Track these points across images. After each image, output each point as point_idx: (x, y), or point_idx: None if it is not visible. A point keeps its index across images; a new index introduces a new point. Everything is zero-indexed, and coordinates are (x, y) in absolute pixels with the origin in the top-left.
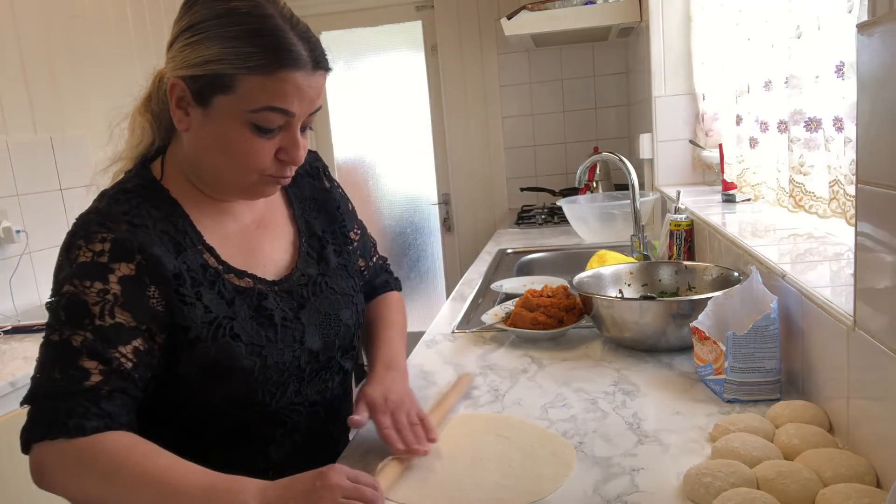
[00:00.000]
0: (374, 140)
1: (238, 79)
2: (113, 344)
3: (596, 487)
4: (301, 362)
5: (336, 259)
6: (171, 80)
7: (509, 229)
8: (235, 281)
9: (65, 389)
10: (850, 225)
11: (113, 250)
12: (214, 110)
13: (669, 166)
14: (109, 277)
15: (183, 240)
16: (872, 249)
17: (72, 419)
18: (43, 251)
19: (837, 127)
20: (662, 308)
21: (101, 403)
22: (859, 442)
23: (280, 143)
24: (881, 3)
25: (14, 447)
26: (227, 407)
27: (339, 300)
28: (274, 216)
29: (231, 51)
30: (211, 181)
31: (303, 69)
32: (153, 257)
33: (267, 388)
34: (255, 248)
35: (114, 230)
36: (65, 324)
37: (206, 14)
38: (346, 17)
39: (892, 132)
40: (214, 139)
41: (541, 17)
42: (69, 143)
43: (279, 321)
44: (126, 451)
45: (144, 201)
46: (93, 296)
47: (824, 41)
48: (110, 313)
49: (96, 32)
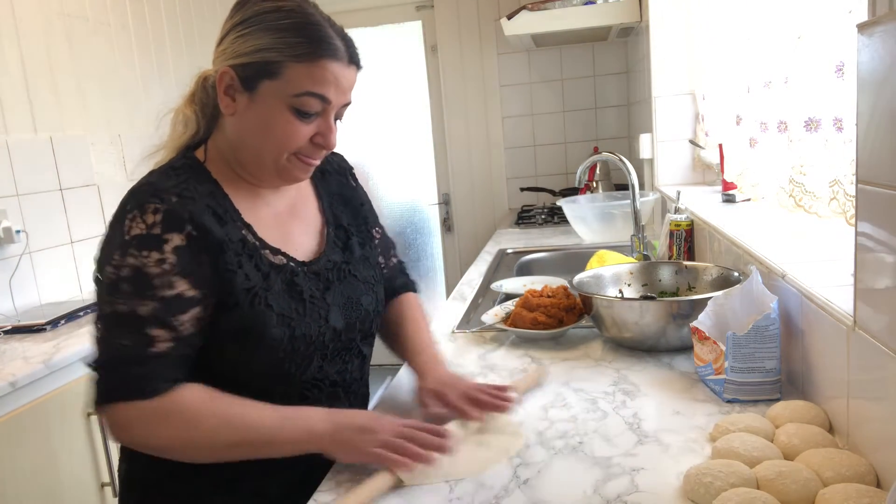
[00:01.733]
0: (375, 140)
1: (284, 65)
2: (175, 312)
3: (596, 487)
4: (325, 339)
5: (360, 250)
6: (221, 70)
7: (509, 229)
8: (270, 257)
9: (135, 355)
10: (850, 225)
11: (165, 221)
12: (260, 95)
13: (669, 166)
14: (165, 248)
15: (224, 215)
16: (872, 249)
17: (146, 382)
18: (43, 251)
19: (837, 127)
20: (662, 308)
21: (169, 367)
22: (859, 442)
23: (317, 129)
24: (881, 3)
25: (14, 447)
26: (255, 377)
27: (361, 287)
28: (304, 206)
29: (279, 40)
30: (250, 163)
31: (340, 61)
32: (202, 226)
33: (294, 359)
34: (288, 231)
35: (165, 201)
36: (131, 294)
37: (257, 10)
38: (346, 17)
39: (892, 132)
40: (258, 121)
41: (541, 17)
42: (69, 143)
43: (308, 298)
44: (201, 400)
45: (191, 178)
46: (152, 266)
47: (824, 41)
48: (170, 284)
49: (96, 32)
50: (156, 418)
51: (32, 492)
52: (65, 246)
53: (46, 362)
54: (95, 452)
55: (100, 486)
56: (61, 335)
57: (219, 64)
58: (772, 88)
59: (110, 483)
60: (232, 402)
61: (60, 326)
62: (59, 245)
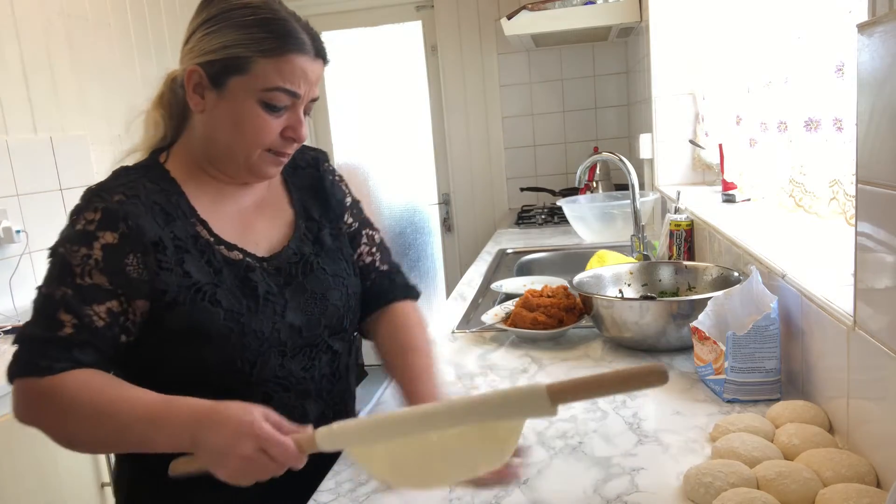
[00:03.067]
0: (374, 140)
1: (252, 61)
2: (88, 302)
3: (596, 487)
4: (281, 335)
5: (331, 242)
6: (189, 69)
7: (509, 229)
8: (225, 252)
9: (42, 336)
10: (850, 225)
11: (102, 219)
12: (229, 91)
13: (669, 166)
14: (94, 244)
15: (174, 211)
16: (872, 249)
17: (42, 361)
18: (43, 251)
19: (837, 127)
20: (662, 308)
21: (73, 351)
22: (859, 442)
23: (286, 122)
24: (881, 3)
25: (14, 447)
26: (209, 374)
27: (329, 281)
28: (274, 200)
29: (246, 36)
30: (221, 160)
31: (307, 54)
32: (137, 226)
33: (245, 356)
34: (250, 227)
35: (107, 200)
36: (52, 280)
37: (223, 8)
38: (346, 17)
39: (892, 132)
40: (228, 118)
41: (541, 17)
42: (69, 143)
43: (262, 293)
44: (85, 386)
45: (142, 177)
46: (77, 258)
47: (824, 41)
48: (89, 275)
49: (96, 32)
50: (39, 400)
51: (32, 492)
52: None
53: None
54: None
55: (100, 486)
56: None
57: (186, 63)
58: (772, 88)
59: (110, 483)
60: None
61: None
62: None
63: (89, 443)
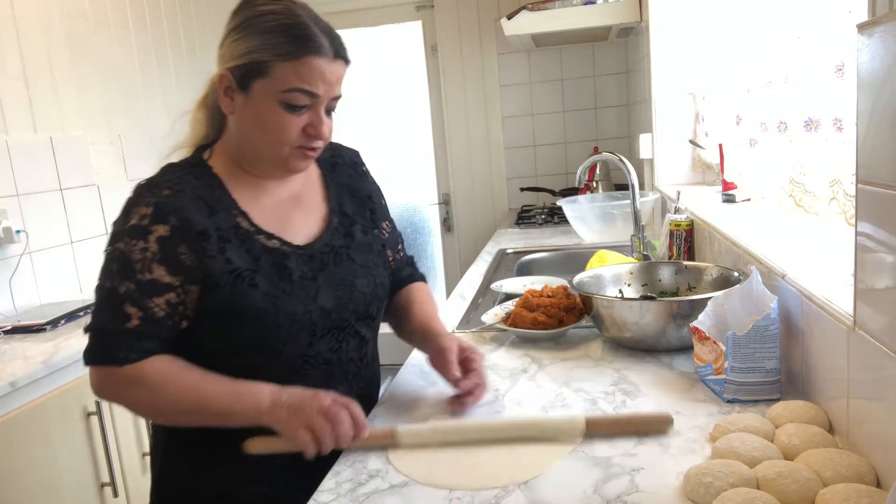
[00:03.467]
0: (375, 140)
1: (272, 65)
2: (149, 295)
3: (596, 487)
4: (313, 317)
5: (362, 237)
6: (220, 73)
7: (509, 229)
8: (264, 241)
9: (113, 328)
10: (850, 225)
11: (154, 214)
12: (254, 93)
13: (669, 166)
14: (149, 238)
15: (217, 205)
16: (872, 249)
17: (119, 352)
18: (43, 251)
19: (837, 127)
20: (662, 308)
21: (142, 341)
22: (859, 442)
23: (307, 121)
24: (881, 3)
25: (14, 447)
26: (244, 351)
27: (358, 270)
28: (310, 194)
29: (267, 42)
30: (252, 157)
31: (325, 56)
32: (185, 218)
33: (279, 335)
34: (286, 218)
35: (157, 195)
36: (115, 274)
37: (248, 15)
38: (346, 17)
39: (892, 132)
40: (254, 118)
41: (541, 17)
42: (69, 143)
43: (297, 279)
44: (166, 371)
45: (187, 174)
46: (136, 253)
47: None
48: (149, 269)
49: (96, 32)
50: (125, 383)
51: (32, 492)
52: (65, 246)
53: (46, 362)
54: (95, 452)
55: (100, 486)
56: (61, 335)
57: (219, 67)
58: (772, 88)
59: (110, 483)
60: (192, 376)
61: (60, 326)
62: (59, 245)
63: (174, 416)
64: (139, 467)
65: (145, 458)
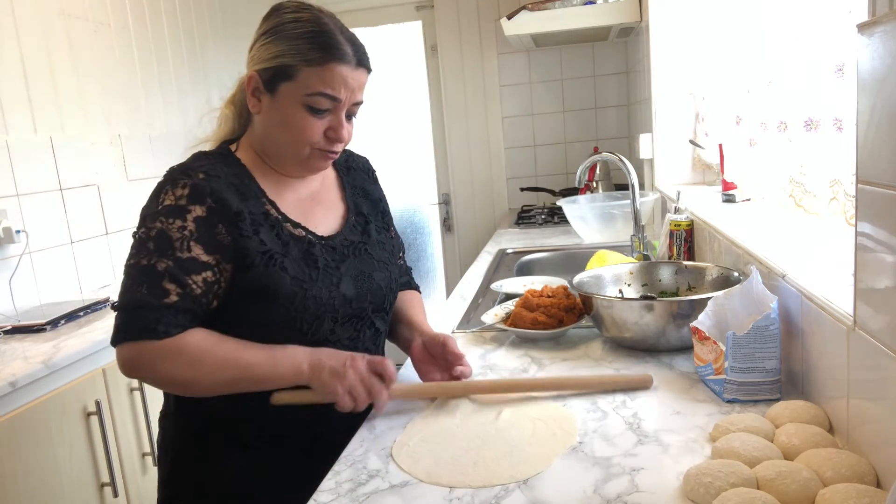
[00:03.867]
0: (375, 140)
1: (298, 69)
2: (188, 272)
3: (596, 487)
4: (336, 303)
5: (377, 235)
6: (249, 74)
7: (509, 229)
8: (291, 229)
9: (151, 303)
10: (850, 225)
11: (191, 194)
12: (280, 95)
13: (669, 166)
14: (187, 217)
15: (247, 192)
16: (872, 249)
17: (160, 326)
18: (43, 251)
19: (837, 127)
20: (662, 308)
21: (179, 316)
22: (859, 442)
23: (329, 124)
24: (881, 3)
25: (14, 447)
26: (271, 332)
27: (375, 264)
28: (328, 194)
29: (294, 47)
30: (275, 156)
31: (348, 64)
32: (221, 199)
33: (305, 317)
34: (309, 212)
35: (193, 177)
36: (153, 252)
37: (278, 21)
38: (346, 17)
39: (892, 132)
40: (278, 119)
41: (541, 17)
42: (69, 143)
43: (322, 266)
44: (204, 342)
45: (218, 161)
46: (175, 231)
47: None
48: (187, 247)
49: (96, 32)
50: (163, 356)
51: (32, 492)
52: (65, 246)
53: (46, 362)
54: (95, 452)
55: (100, 486)
56: (61, 335)
57: (249, 69)
58: (772, 88)
59: (110, 483)
60: (230, 345)
61: (60, 326)
62: (59, 245)
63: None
64: (139, 467)
65: (145, 458)
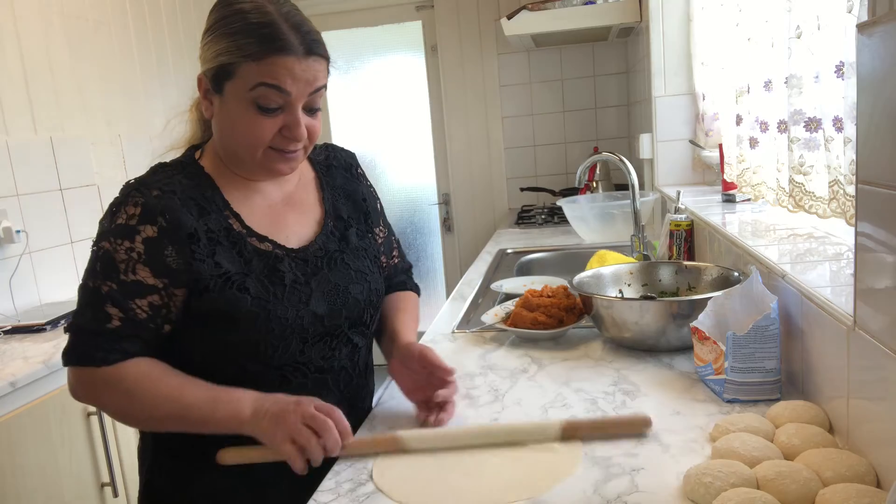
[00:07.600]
0: (374, 140)
1: (237, 66)
2: (131, 296)
3: (596, 487)
4: (304, 322)
5: (357, 241)
6: (198, 76)
7: (509, 229)
8: (256, 244)
9: (93, 328)
10: (850, 225)
11: (142, 214)
12: (226, 95)
13: (669, 166)
14: (136, 238)
15: (208, 205)
16: (872, 249)
17: (98, 353)
18: (43, 251)
19: (837, 127)
20: (662, 308)
21: (122, 343)
22: (859, 442)
23: (283, 122)
24: (881, 3)
25: (14, 447)
26: (235, 356)
27: (352, 276)
28: (304, 197)
29: (232, 43)
30: (233, 159)
31: (293, 55)
32: (175, 219)
33: (270, 339)
34: (281, 220)
35: (146, 195)
36: (98, 273)
37: (217, 16)
38: (346, 17)
39: (892, 132)
40: (228, 120)
41: (541, 17)
42: (69, 143)
43: (289, 283)
44: (146, 375)
45: (178, 173)
46: (122, 253)
47: (824, 41)
48: (132, 270)
49: (96, 32)
50: (103, 384)
51: (32, 492)
52: (65, 246)
53: (46, 362)
54: (95, 452)
55: (100, 486)
56: (61, 335)
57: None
58: (772, 88)
59: (110, 483)
60: (174, 380)
61: (60, 326)
62: (59, 245)
63: (149, 422)
64: None
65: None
